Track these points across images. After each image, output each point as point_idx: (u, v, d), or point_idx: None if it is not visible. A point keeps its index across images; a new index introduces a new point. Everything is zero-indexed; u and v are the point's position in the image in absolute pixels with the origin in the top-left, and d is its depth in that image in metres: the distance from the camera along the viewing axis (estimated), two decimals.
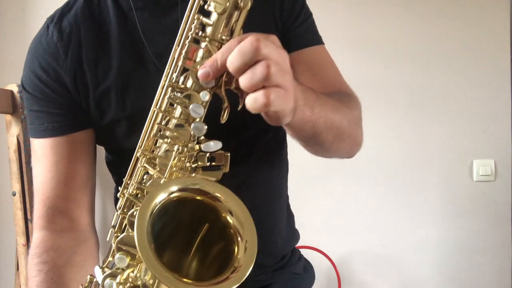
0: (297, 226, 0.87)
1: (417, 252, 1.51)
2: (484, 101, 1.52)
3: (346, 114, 0.60)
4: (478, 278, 1.52)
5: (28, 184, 1.26)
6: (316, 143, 0.56)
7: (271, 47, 0.40)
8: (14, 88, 1.27)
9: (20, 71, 1.73)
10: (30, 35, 1.75)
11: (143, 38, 0.62)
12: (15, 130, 1.27)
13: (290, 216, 0.82)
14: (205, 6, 0.45)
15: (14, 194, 1.25)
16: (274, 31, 0.66)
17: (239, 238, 0.41)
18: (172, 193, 0.41)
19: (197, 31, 0.45)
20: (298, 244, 1.05)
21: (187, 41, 0.46)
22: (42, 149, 0.65)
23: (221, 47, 0.43)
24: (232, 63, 0.40)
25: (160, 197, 0.40)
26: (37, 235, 0.64)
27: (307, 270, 0.82)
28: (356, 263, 1.50)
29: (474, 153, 1.52)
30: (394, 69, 1.53)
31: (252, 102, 0.40)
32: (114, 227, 0.50)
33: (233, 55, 0.39)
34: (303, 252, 0.91)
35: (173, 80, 0.46)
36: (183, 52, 0.46)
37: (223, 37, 0.44)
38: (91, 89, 0.63)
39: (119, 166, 0.73)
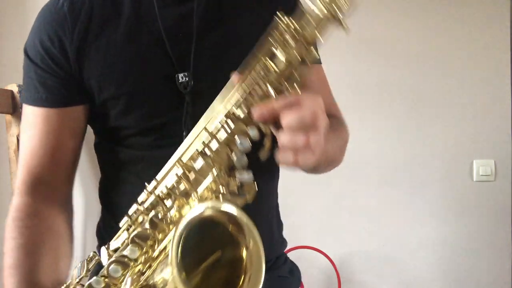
0: (297, 226, 0.87)
1: (417, 252, 1.51)
2: (484, 101, 1.52)
3: (339, 144, 0.65)
4: (478, 278, 1.52)
5: None
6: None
7: (324, 121, 0.45)
8: (14, 88, 1.27)
9: (20, 72, 1.74)
10: None
11: (159, 21, 0.62)
12: (15, 130, 1.27)
13: (280, 225, 0.81)
14: (274, 49, 0.48)
15: None
16: None
17: (245, 272, 0.43)
18: (202, 214, 0.43)
19: (262, 72, 0.48)
20: (299, 244, 1.07)
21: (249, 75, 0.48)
22: (34, 118, 0.65)
23: (276, 89, 0.47)
24: (287, 122, 0.44)
25: (192, 220, 0.41)
26: (19, 199, 0.64)
27: (293, 273, 0.80)
28: (356, 263, 1.50)
29: (474, 153, 1.52)
30: (394, 69, 1.53)
31: (283, 158, 0.45)
32: (130, 217, 0.50)
33: (291, 117, 0.44)
34: (303, 252, 0.91)
35: (230, 107, 0.48)
36: (247, 86, 0.48)
37: (283, 83, 0.48)
38: (94, 64, 0.63)
39: (106, 150, 0.74)
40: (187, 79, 0.62)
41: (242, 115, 0.47)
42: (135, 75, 0.63)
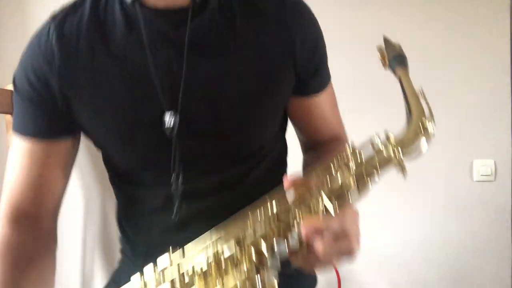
0: None
1: (417, 252, 1.51)
2: (484, 101, 1.52)
3: None
4: (478, 278, 1.52)
5: None
6: None
7: (358, 245, 0.48)
8: None
9: None
10: (30, 35, 1.75)
11: (147, 51, 0.58)
12: None
13: None
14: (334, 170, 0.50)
15: None
16: (290, 69, 0.64)
17: None
18: None
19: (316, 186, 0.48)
20: None
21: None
22: (19, 148, 0.64)
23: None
24: (323, 250, 0.44)
25: None
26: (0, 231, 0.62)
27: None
28: (356, 263, 1.50)
29: (474, 153, 1.52)
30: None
31: (307, 265, 0.46)
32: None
33: (331, 248, 0.45)
34: None
35: (278, 208, 0.47)
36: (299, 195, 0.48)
37: (334, 202, 0.48)
38: (82, 105, 0.61)
39: (115, 181, 0.75)
40: (173, 118, 0.59)
41: (288, 220, 0.47)
42: (124, 118, 0.61)
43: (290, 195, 0.48)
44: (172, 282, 0.46)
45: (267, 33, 0.62)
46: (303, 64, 0.66)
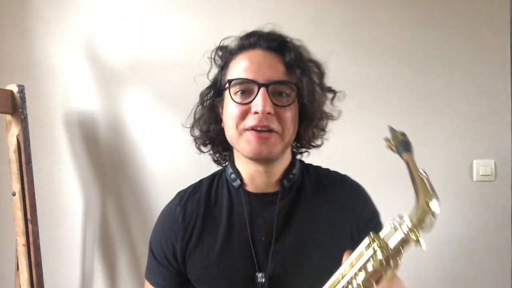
0: None
1: (417, 251, 1.51)
2: (484, 101, 1.52)
3: None
4: (478, 278, 1.52)
5: (28, 184, 1.26)
6: None
7: None
8: (14, 88, 1.27)
9: (20, 71, 1.74)
10: (30, 35, 1.76)
11: (247, 227, 0.78)
12: (15, 130, 1.26)
13: None
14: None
15: (14, 194, 1.25)
16: (349, 239, 0.79)
17: None
18: None
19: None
20: None
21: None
22: None
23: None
24: None
25: None
26: None
27: None
28: None
29: (474, 153, 1.52)
30: (394, 69, 1.53)
31: None
32: None
33: None
34: None
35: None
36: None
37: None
38: (195, 266, 0.80)
39: None
40: (263, 279, 0.75)
41: None
42: (225, 276, 0.77)
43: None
44: None
45: (333, 211, 0.81)
46: (360, 231, 0.81)
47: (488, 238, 1.52)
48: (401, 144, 0.72)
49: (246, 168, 0.81)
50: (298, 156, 0.90)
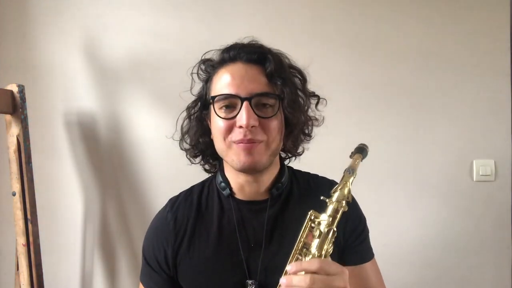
0: None
1: (417, 252, 1.51)
2: (484, 101, 1.52)
3: None
4: (478, 278, 1.52)
5: (28, 184, 1.26)
6: None
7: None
8: (14, 88, 1.27)
9: (20, 71, 1.74)
10: (30, 35, 1.76)
11: (237, 234, 0.81)
12: (15, 130, 1.26)
13: None
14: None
15: (14, 194, 1.25)
16: (336, 247, 0.77)
17: None
18: None
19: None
20: None
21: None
22: None
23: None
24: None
25: None
26: None
27: None
28: None
29: (474, 153, 1.52)
30: (394, 69, 1.53)
31: None
32: None
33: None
34: None
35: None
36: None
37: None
38: (185, 271, 0.82)
39: None
40: (253, 287, 0.77)
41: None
42: (216, 283, 0.79)
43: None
44: None
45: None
46: (346, 239, 0.85)
47: (488, 238, 1.52)
48: (358, 149, 0.79)
49: (235, 178, 0.82)
50: (286, 162, 0.92)
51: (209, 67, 0.84)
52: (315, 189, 0.87)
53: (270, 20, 1.54)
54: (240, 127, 0.74)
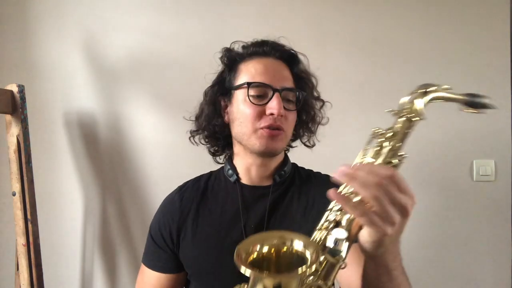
0: None
1: (417, 251, 1.51)
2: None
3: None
4: (478, 277, 1.52)
5: (28, 184, 1.26)
6: (386, 280, 0.65)
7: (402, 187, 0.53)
8: (14, 88, 1.27)
9: (20, 71, 1.74)
10: (30, 35, 1.75)
11: (241, 216, 0.85)
12: (15, 130, 1.26)
13: None
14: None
15: (14, 194, 1.25)
16: None
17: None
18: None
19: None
20: None
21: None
22: (148, 277, 0.91)
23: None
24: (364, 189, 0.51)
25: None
26: None
27: None
28: None
29: (474, 153, 1.52)
30: (394, 69, 1.53)
31: (368, 220, 0.50)
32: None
33: (371, 186, 0.51)
34: None
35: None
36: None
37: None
38: (187, 246, 0.86)
39: None
40: None
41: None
42: (217, 262, 0.82)
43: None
44: None
45: (319, 198, 0.86)
46: None
47: (488, 238, 1.52)
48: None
49: (244, 161, 0.89)
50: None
51: (234, 56, 0.90)
52: (315, 181, 0.93)
53: (270, 20, 1.54)
54: (271, 114, 0.80)
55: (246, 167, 0.89)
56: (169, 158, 1.51)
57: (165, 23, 1.54)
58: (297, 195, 0.89)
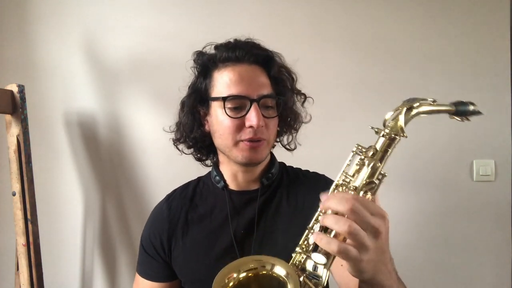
0: None
1: (417, 251, 1.51)
2: (484, 101, 1.52)
3: None
4: (478, 278, 1.52)
5: (28, 184, 1.26)
6: None
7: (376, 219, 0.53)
8: (14, 88, 1.27)
9: (20, 71, 1.74)
10: (30, 35, 1.75)
11: (229, 222, 0.85)
12: (15, 130, 1.26)
13: None
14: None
15: (14, 194, 1.25)
16: None
17: None
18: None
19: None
20: None
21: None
22: (142, 286, 0.92)
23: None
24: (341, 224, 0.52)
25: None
26: None
27: None
28: None
29: (474, 153, 1.52)
30: (394, 69, 1.53)
31: (342, 253, 0.51)
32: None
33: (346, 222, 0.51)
34: None
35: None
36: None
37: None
38: (178, 256, 0.86)
39: None
40: None
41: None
42: (208, 268, 0.81)
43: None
44: None
45: (308, 197, 0.87)
46: None
47: (488, 238, 1.52)
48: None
49: (229, 169, 0.88)
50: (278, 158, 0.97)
51: (210, 62, 0.86)
52: (303, 179, 0.92)
53: (271, 20, 1.54)
54: (250, 127, 0.78)
55: (232, 173, 0.88)
56: (169, 158, 1.51)
57: (165, 23, 1.54)
58: (286, 196, 0.89)
